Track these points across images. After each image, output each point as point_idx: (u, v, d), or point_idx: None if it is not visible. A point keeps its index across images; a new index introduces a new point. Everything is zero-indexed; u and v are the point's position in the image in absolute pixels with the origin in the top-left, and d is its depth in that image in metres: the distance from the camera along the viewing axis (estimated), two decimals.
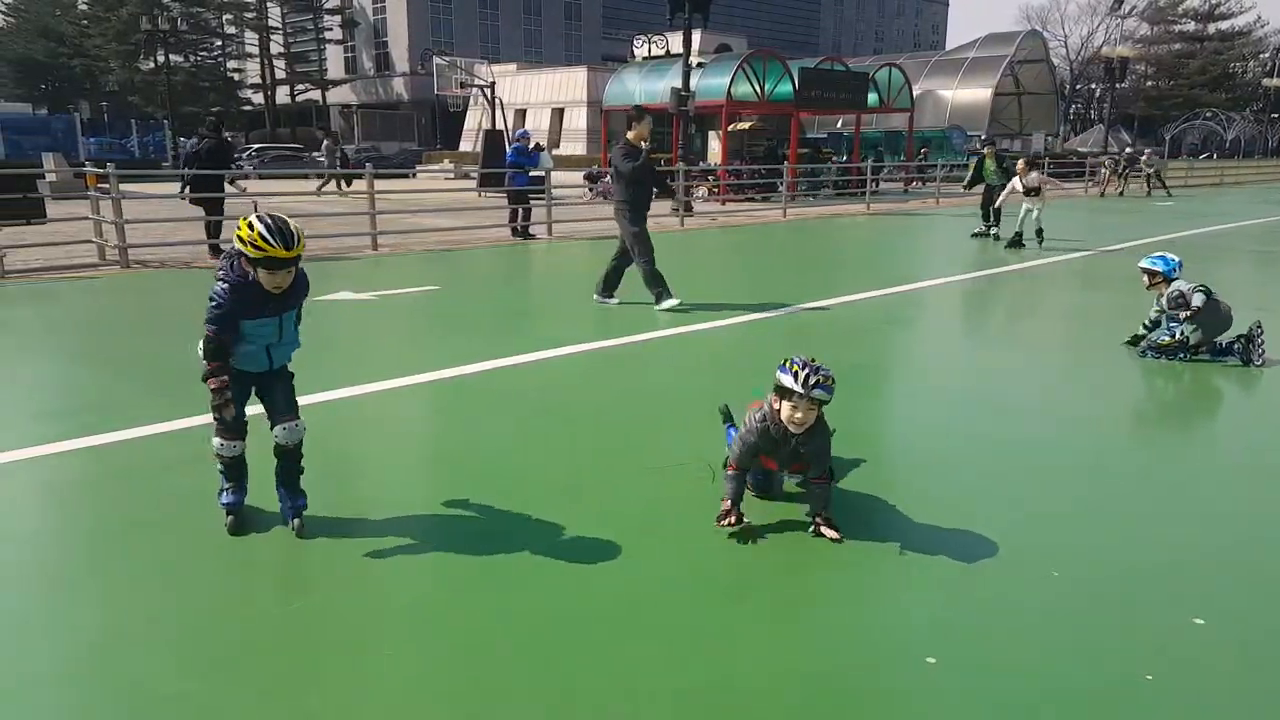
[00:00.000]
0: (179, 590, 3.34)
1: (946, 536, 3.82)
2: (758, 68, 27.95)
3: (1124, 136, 68.12)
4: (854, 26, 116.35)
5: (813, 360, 3.59)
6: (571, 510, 4.02)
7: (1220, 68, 73.51)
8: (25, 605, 3.27)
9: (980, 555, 3.65)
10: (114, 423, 5.18)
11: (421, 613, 3.22)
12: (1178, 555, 3.72)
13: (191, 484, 4.27)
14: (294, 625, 3.11)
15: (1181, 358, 6.89)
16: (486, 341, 7.37)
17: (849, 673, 2.88)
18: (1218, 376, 6.65)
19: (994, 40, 52.09)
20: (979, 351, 7.92)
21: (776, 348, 7.56)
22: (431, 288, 10.63)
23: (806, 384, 3.50)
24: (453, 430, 5.47)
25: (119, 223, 11.75)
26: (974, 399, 6.17)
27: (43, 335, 8.11)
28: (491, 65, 45.05)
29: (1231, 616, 3.21)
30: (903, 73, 33.64)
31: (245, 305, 3.45)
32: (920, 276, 11.69)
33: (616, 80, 33.31)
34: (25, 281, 10.73)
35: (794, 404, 3.55)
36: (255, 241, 3.34)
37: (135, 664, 2.87)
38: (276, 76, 69.31)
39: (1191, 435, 5.71)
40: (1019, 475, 4.68)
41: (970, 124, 45.79)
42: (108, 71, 67.46)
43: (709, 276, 12.45)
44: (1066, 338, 8.42)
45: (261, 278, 3.41)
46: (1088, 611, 3.24)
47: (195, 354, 3.50)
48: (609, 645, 2.99)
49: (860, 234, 18.50)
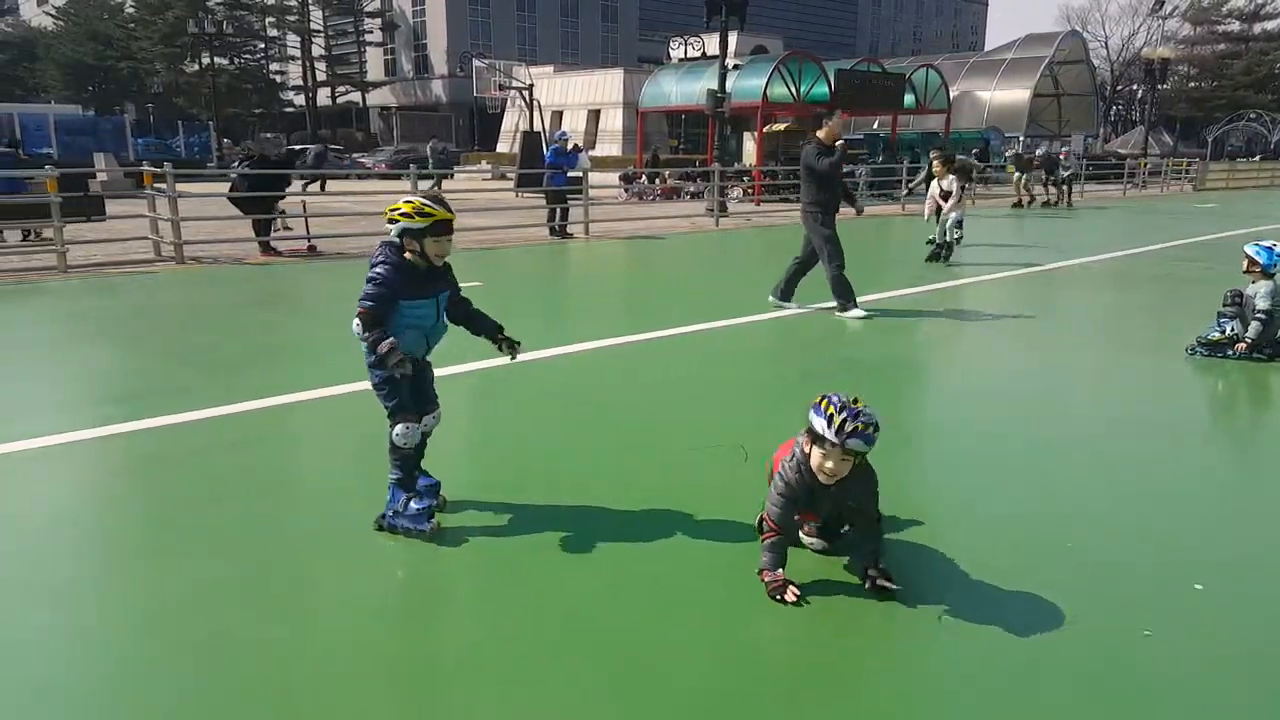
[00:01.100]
0: (250, 552, 3.62)
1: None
2: (793, 69, 28.05)
3: (1165, 138, 67.17)
4: (892, 27, 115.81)
5: (854, 401, 3.05)
6: (614, 490, 4.25)
7: (1266, 68, 72.21)
8: (113, 564, 3.56)
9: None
10: (179, 406, 5.49)
11: (482, 579, 3.47)
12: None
13: (253, 461, 4.56)
14: (365, 589, 3.37)
15: (1231, 355, 6.94)
16: (532, 332, 7.66)
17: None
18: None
19: (1033, 41, 51.65)
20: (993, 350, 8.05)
21: (800, 343, 7.76)
22: (475, 284, 10.94)
23: (841, 432, 2.99)
24: (499, 414, 5.73)
25: (175, 220, 12.18)
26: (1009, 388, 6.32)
27: (110, 326, 8.49)
28: (529, 67, 45.51)
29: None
30: (939, 73, 33.55)
31: (406, 284, 3.55)
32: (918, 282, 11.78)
33: (652, 82, 33.57)
34: (88, 276, 11.17)
35: (825, 452, 3.06)
36: (421, 210, 3.50)
37: (216, 616, 3.14)
38: (317, 79, 70.46)
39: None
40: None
41: (1008, 125, 45.45)
42: (153, 74, 68.96)
43: (740, 272, 12.64)
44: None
45: (428, 248, 3.55)
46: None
47: (351, 332, 3.55)
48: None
49: (890, 234, 18.55)
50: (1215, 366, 6.87)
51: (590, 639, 3.01)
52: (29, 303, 9.62)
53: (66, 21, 76.20)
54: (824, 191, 8.59)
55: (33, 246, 13.07)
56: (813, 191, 8.60)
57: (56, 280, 10.83)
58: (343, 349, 7.63)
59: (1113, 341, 8.18)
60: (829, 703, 2.71)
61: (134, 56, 69.13)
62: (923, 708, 2.70)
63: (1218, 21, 76.15)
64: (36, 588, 3.32)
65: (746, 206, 24.39)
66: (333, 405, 5.66)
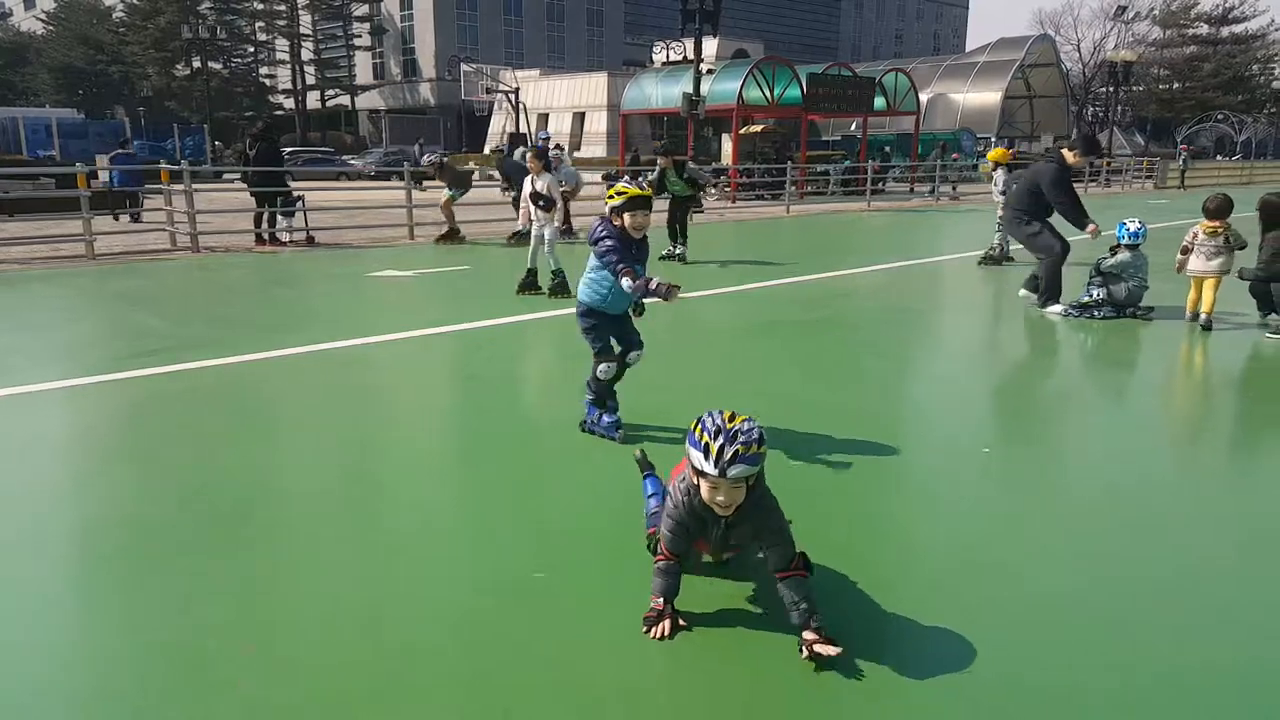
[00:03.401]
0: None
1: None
2: (767, 73, 29.43)
3: (1137, 139, 68.99)
4: (874, 30, 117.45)
5: (729, 420, 2.67)
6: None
7: (1233, 71, 74.19)
8: (212, 448, 4.85)
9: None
10: (220, 352, 6.79)
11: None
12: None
13: (368, 381, 5.86)
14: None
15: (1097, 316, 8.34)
16: (513, 304, 8.99)
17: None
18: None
19: (1005, 45, 53.34)
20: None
21: (757, 311, 9.04)
22: (462, 267, 12.26)
23: (720, 461, 2.62)
24: (480, 360, 7.03)
25: (191, 212, 13.43)
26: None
27: (148, 300, 9.72)
28: (515, 71, 46.80)
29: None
30: (908, 77, 35.02)
31: (626, 249, 4.33)
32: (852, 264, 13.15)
33: (634, 85, 34.85)
34: (115, 264, 12.39)
35: (712, 484, 2.69)
36: (620, 191, 4.29)
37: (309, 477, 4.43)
38: (307, 82, 71.52)
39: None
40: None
41: (981, 126, 47.08)
42: (144, 77, 69.86)
43: (715, 258, 13.98)
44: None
45: (627, 222, 4.31)
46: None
47: (581, 294, 4.62)
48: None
49: (837, 229, 19.91)
50: (1085, 325, 8.23)
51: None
52: (73, 282, 10.85)
53: (57, 26, 77.05)
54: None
55: (60, 236, 14.28)
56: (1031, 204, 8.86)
57: (90, 266, 12.06)
58: (360, 314, 9.06)
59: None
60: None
61: (124, 61, 70.00)
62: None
63: (1186, 25, 78.16)
64: (160, 458, 4.61)
65: (723, 203, 25.71)
66: (357, 351, 6.96)
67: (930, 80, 51.93)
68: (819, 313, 8.90)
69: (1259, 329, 7.79)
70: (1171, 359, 7.19)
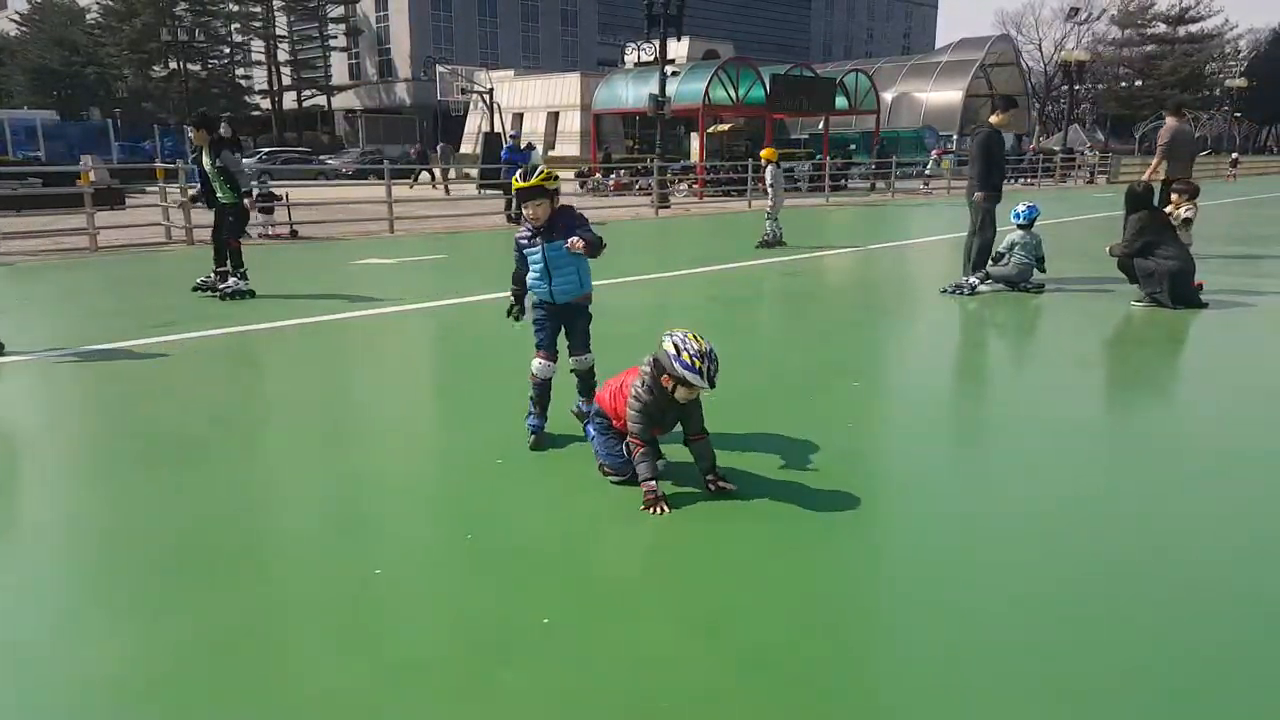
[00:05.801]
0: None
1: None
2: (732, 73, 30.65)
3: (1098, 135, 70.82)
4: (845, 30, 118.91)
5: (700, 344, 3.75)
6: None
7: (1190, 69, 76.34)
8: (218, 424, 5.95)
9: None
10: (269, 318, 7.89)
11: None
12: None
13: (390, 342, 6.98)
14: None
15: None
16: (485, 283, 10.14)
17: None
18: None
19: (967, 45, 54.91)
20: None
21: (690, 291, 10.17)
22: (440, 256, 13.37)
23: (709, 377, 3.73)
24: (471, 331, 8.14)
25: (188, 207, 14.45)
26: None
27: (157, 281, 10.79)
28: (490, 71, 47.79)
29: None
30: (869, 77, 36.37)
31: (524, 241, 4.60)
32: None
33: (605, 85, 35.94)
34: (116, 255, 13.40)
35: (691, 388, 3.76)
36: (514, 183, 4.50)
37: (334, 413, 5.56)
38: (283, 82, 72.14)
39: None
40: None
41: (943, 125, 48.54)
42: (120, 79, 70.17)
43: (670, 246, 15.15)
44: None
45: (525, 213, 4.48)
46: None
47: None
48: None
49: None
50: (997, 298, 9.47)
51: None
52: (87, 269, 11.88)
53: (32, 28, 77.14)
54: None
55: (65, 229, 15.25)
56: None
57: (93, 257, 13.08)
58: (356, 293, 10.15)
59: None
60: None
61: (100, 62, 70.32)
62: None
63: (1144, 25, 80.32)
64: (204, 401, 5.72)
65: (690, 199, 26.88)
66: (363, 321, 8.07)
67: (895, 79, 53.42)
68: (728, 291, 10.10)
69: (1123, 299, 9.03)
70: (1040, 326, 8.44)
